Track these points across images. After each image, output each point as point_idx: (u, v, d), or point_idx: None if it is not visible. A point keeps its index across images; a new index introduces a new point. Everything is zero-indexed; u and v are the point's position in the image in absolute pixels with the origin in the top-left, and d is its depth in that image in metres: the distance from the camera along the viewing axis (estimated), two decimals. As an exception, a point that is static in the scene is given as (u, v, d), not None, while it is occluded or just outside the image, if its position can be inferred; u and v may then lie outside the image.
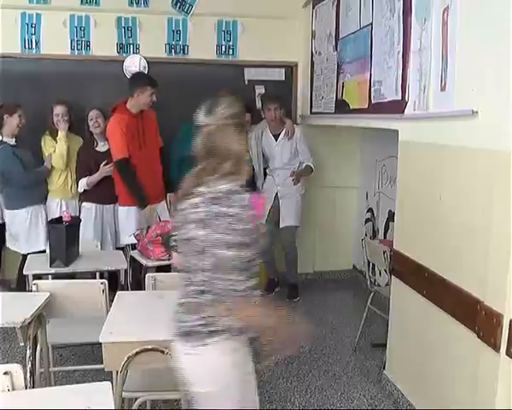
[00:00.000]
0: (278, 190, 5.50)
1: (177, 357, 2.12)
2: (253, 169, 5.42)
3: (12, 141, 4.83)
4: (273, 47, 5.63)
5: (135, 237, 4.10)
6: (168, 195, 4.91)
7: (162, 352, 2.36)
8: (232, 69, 5.61)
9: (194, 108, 5.08)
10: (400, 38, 3.40)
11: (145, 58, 5.58)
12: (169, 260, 3.82)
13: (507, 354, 2.39)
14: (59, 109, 5.06)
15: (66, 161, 5.04)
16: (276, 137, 5.47)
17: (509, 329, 2.38)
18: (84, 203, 5.06)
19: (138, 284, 4.03)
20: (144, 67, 5.57)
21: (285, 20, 5.68)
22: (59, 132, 5.03)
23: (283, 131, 5.44)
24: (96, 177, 4.91)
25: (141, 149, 4.64)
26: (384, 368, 3.85)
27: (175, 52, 5.67)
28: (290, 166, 5.46)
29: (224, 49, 5.72)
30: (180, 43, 5.67)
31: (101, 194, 4.94)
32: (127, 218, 4.70)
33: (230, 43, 5.73)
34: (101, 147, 5.06)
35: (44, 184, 5.04)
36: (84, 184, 4.96)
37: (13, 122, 4.83)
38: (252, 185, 4.93)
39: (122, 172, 4.63)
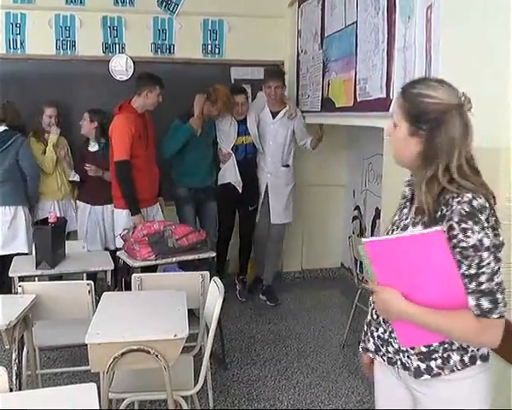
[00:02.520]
0: (268, 179, 5.21)
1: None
2: (254, 150, 5.23)
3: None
4: (259, 46, 5.61)
5: (121, 238, 4.08)
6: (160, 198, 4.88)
7: (148, 352, 2.35)
8: (218, 68, 5.58)
9: (179, 107, 5.19)
10: (385, 36, 3.41)
11: (131, 58, 5.55)
12: (155, 260, 3.82)
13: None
14: (51, 111, 5.04)
15: (56, 163, 5.03)
16: (274, 114, 5.16)
17: None
18: (78, 202, 5.13)
19: (126, 285, 4.01)
20: (130, 67, 5.55)
21: (271, 19, 5.67)
22: (51, 136, 5.01)
23: (283, 111, 5.13)
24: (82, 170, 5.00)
25: (146, 149, 4.55)
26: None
27: (161, 51, 5.64)
28: (282, 152, 5.18)
29: (210, 49, 5.70)
30: (166, 42, 5.64)
31: (94, 194, 4.96)
32: (127, 221, 4.43)
33: (217, 42, 5.71)
34: (92, 147, 5.08)
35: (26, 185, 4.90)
36: (73, 173, 5.07)
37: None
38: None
39: (121, 174, 4.42)
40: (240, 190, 5.15)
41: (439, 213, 1.61)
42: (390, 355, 1.80)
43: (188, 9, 5.55)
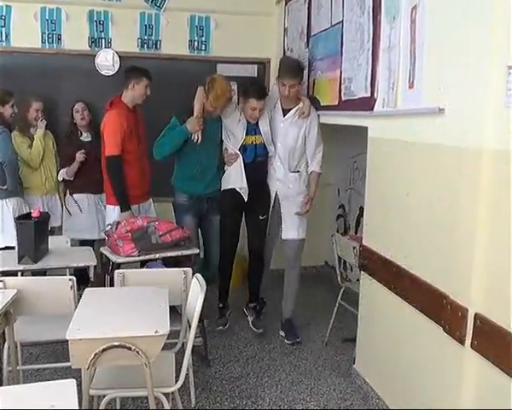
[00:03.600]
0: (278, 187, 4.46)
1: None
2: (265, 152, 4.46)
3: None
4: (246, 43, 5.61)
5: (104, 234, 4.07)
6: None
7: (129, 348, 2.34)
8: (205, 65, 5.56)
9: (166, 103, 5.17)
10: (370, 36, 3.43)
11: (117, 53, 5.53)
12: (138, 256, 3.81)
13: (472, 348, 2.44)
14: (38, 106, 4.99)
15: (42, 157, 5.00)
16: (286, 112, 4.39)
17: (474, 322, 2.43)
18: (74, 195, 5.08)
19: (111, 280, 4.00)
20: (116, 62, 5.53)
21: (258, 17, 5.67)
22: (38, 130, 4.97)
23: (295, 108, 4.35)
24: (74, 165, 4.96)
25: (138, 144, 4.52)
26: (354, 363, 3.89)
27: (147, 47, 5.62)
28: (292, 156, 4.39)
29: (196, 45, 5.69)
30: (152, 37, 5.62)
31: (91, 183, 4.96)
32: (116, 217, 4.42)
33: (203, 38, 5.70)
34: (85, 137, 5.11)
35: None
36: (63, 173, 5.01)
37: (5, 113, 4.73)
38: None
39: (112, 169, 4.39)
40: (245, 199, 4.42)
41: None
42: None
43: (174, 5, 5.54)
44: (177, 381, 2.68)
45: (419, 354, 2.97)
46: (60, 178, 5.06)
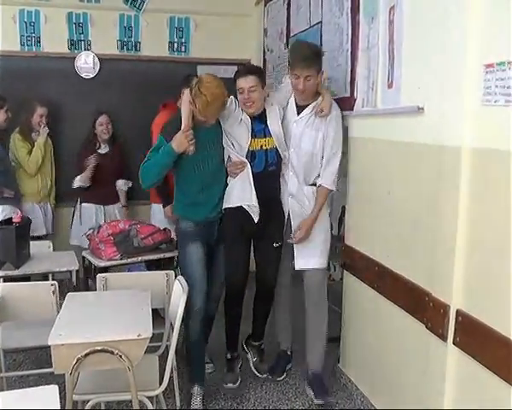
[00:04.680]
0: (291, 204, 3.55)
1: None
2: (278, 160, 3.50)
3: None
4: (226, 44, 5.62)
5: (86, 238, 4.04)
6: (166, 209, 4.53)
7: (112, 352, 2.33)
8: (185, 66, 5.54)
9: (146, 105, 5.16)
10: (349, 37, 3.45)
11: (97, 55, 5.51)
12: (120, 259, 3.79)
13: (454, 344, 2.46)
14: (42, 111, 4.93)
15: (40, 165, 4.92)
16: (301, 109, 3.48)
17: (456, 319, 2.45)
18: (83, 204, 5.05)
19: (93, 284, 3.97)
20: (96, 65, 5.50)
21: (238, 18, 5.69)
22: (40, 138, 4.91)
23: (311, 105, 3.44)
24: (87, 171, 4.89)
25: None
26: (338, 362, 3.90)
27: (127, 49, 5.62)
28: (308, 165, 3.50)
29: (176, 46, 5.70)
30: (132, 39, 5.62)
31: (101, 194, 4.97)
32: (160, 213, 4.65)
33: (183, 40, 5.70)
34: (103, 149, 5.07)
35: None
36: (78, 180, 4.95)
37: (0, 118, 4.68)
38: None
39: None
40: (255, 219, 3.42)
41: None
42: None
43: (154, 6, 5.54)
44: (161, 384, 2.67)
45: (403, 351, 2.99)
46: (75, 186, 4.95)
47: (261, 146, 3.44)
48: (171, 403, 3.31)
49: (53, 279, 3.52)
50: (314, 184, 3.52)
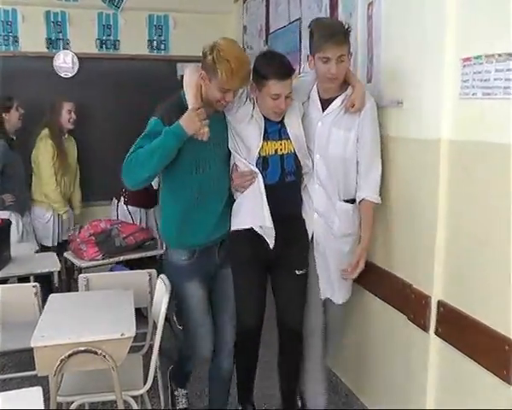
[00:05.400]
0: (316, 224, 2.87)
1: None
2: (297, 167, 2.78)
3: (14, 138, 4.55)
4: (206, 42, 5.57)
5: (68, 238, 4.02)
6: None
7: (95, 353, 2.32)
8: (164, 65, 5.56)
9: (126, 104, 5.13)
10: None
11: (76, 54, 5.47)
12: (102, 259, 3.78)
13: (435, 334, 2.50)
14: (70, 106, 4.77)
15: (65, 165, 4.71)
16: (326, 104, 2.80)
17: (437, 309, 2.49)
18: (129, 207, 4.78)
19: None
20: (75, 64, 5.46)
21: (217, 15, 5.68)
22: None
23: (340, 98, 2.77)
24: None
25: None
26: (322, 356, 3.90)
27: (106, 47, 5.59)
28: (340, 175, 2.81)
29: (155, 45, 5.68)
30: (111, 38, 5.60)
31: (146, 198, 4.66)
32: None
33: (162, 38, 5.69)
34: None
35: None
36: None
37: (12, 118, 4.55)
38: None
39: None
40: (271, 244, 2.76)
41: None
42: None
43: (132, 5, 5.52)
44: (145, 383, 2.67)
45: (386, 343, 3.01)
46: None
47: (276, 151, 2.73)
48: (156, 403, 3.30)
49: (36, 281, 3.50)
50: (348, 200, 2.83)
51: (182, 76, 4.68)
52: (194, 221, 2.74)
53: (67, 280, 3.98)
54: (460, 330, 2.34)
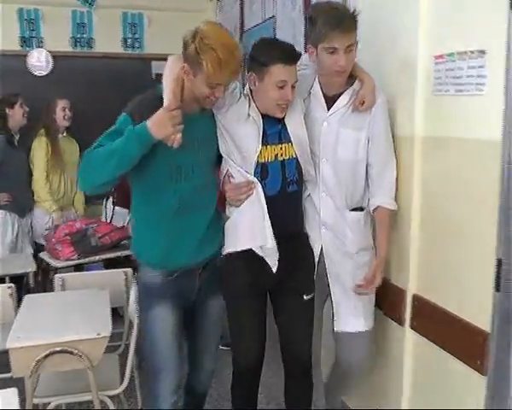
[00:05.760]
0: (324, 238, 2.50)
1: None
2: (299, 175, 2.42)
3: (16, 137, 4.46)
4: (180, 40, 5.57)
5: (43, 238, 3.98)
6: None
7: (71, 353, 2.31)
8: (139, 63, 5.55)
9: (100, 102, 5.09)
10: (301, 30, 3.48)
11: (50, 52, 5.42)
12: (78, 259, 3.75)
13: (411, 328, 2.53)
14: (65, 103, 4.61)
15: (59, 164, 4.55)
16: (331, 101, 2.45)
17: (412, 303, 2.52)
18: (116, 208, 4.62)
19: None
20: (49, 62, 5.41)
21: (191, 13, 5.63)
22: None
23: (347, 93, 2.43)
24: None
25: None
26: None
27: (80, 46, 5.55)
28: (349, 182, 2.47)
29: (130, 43, 5.65)
30: (85, 36, 5.55)
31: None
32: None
33: (136, 36, 5.66)
34: None
35: None
36: None
37: (16, 114, 4.44)
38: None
39: None
40: (274, 267, 2.37)
41: None
42: None
43: (106, 2, 5.49)
44: (122, 383, 2.66)
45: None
46: None
47: (276, 156, 2.35)
48: (133, 402, 3.28)
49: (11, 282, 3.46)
50: (358, 209, 2.51)
51: (157, 74, 4.71)
52: (173, 239, 2.31)
53: (43, 281, 3.93)
54: (435, 324, 2.37)
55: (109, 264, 3.92)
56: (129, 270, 3.19)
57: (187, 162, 2.25)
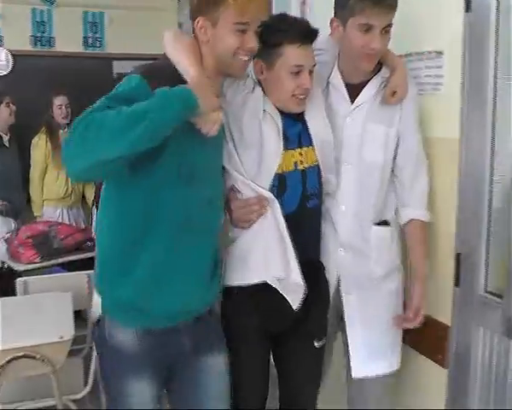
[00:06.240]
0: (342, 262, 2.06)
1: None
2: (320, 187, 1.98)
3: (6, 137, 4.32)
4: (142, 39, 5.51)
5: (5, 241, 3.91)
6: None
7: (34, 357, 2.28)
8: (100, 62, 5.48)
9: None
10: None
11: (9, 51, 5.33)
12: (41, 262, 3.69)
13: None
14: (61, 100, 4.51)
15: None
16: (354, 91, 2.03)
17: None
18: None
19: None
20: (9, 61, 5.33)
21: (152, 12, 5.63)
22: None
23: (374, 81, 2.03)
24: None
25: None
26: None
27: (41, 44, 5.46)
28: (374, 190, 2.05)
29: (91, 42, 5.59)
30: (46, 34, 5.46)
31: None
32: None
33: (98, 34, 5.60)
34: None
35: None
36: None
37: (2, 114, 4.32)
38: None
39: None
40: (295, 304, 1.87)
41: None
42: None
43: (67, 1, 5.40)
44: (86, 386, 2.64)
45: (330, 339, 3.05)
46: None
47: (295, 164, 1.89)
48: (97, 406, 3.26)
49: None
50: (383, 223, 2.08)
51: (118, 74, 4.59)
52: (163, 270, 1.66)
53: (5, 284, 3.86)
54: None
55: (73, 266, 3.87)
56: (92, 272, 3.16)
57: (200, 162, 1.68)
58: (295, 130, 1.89)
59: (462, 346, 2.09)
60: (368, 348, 2.06)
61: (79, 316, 3.14)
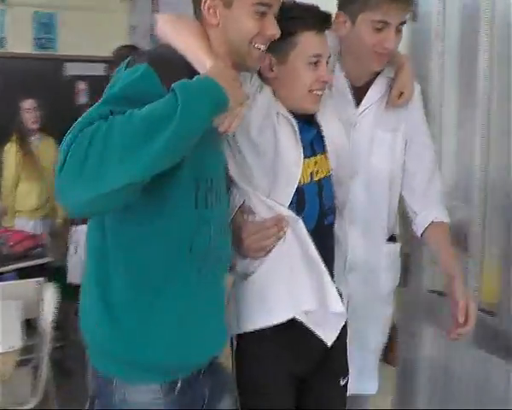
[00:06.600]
0: (351, 283, 1.80)
1: None
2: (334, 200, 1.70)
3: None
4: (93, 41, 5.48)
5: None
6: None
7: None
8: (51, 63, 5.40)
9: (13, 104, 4.89)
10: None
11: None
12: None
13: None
14: (29, 104, 4.21)
15: (35, 169, 4.19)
16: (359, 94, 1.83)
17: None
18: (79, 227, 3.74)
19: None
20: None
21: (104, 14, 5.58)
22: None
23: (379, 81, 1.84)
24: None
25: None
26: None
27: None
28: (384, 204, 1.89)
29: (42, 43, 5.50)
30: (-4, 35, 5.35)
31: None
32: None
33: (49, 35, 5.50)
34: None
35: None
36: None
37: None
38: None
39: None
40: (330, 339, 1.60)
41: None
42: None
43: (18, 0, 5.30)
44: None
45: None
46: None
47: (311, 175, 1.63)
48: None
49: None
50: (392, 240, 1.97)
51: (70, 76, 4.43)
52: (191, 317, 1.37)
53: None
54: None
55: (24, 273, 3.78)
56: (42, 279, 3.11)
57: (215, 176, 1.39)
58: (310, 135, 1.62)
59: (411, 345, 2.14)
60: (364, 364, 1.93)
61: (30, 325, 3.08)
